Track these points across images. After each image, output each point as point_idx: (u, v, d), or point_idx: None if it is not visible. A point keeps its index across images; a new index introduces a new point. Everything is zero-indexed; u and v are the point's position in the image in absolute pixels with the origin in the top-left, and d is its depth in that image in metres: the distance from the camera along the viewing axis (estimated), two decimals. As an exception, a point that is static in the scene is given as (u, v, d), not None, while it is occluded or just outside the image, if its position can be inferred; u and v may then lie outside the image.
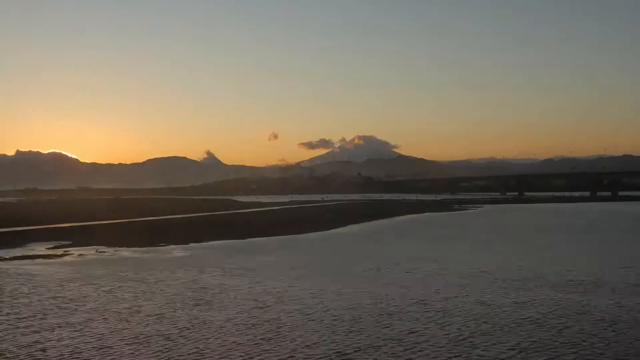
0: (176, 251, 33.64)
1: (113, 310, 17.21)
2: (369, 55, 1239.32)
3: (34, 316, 16.41)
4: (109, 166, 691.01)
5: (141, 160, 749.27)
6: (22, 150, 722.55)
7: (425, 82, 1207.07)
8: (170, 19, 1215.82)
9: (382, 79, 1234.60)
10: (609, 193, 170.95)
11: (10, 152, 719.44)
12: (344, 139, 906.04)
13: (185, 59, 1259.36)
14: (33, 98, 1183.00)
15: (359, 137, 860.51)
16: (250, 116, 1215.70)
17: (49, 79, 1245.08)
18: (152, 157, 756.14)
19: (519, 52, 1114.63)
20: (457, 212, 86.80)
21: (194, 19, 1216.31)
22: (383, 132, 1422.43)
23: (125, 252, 33.03)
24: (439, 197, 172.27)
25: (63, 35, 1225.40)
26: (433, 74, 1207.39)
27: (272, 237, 42.40)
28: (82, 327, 15.13)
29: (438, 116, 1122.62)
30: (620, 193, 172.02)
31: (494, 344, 13.26)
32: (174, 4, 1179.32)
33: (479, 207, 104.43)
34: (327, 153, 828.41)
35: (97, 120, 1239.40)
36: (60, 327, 15.12)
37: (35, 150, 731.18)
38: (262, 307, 17.40)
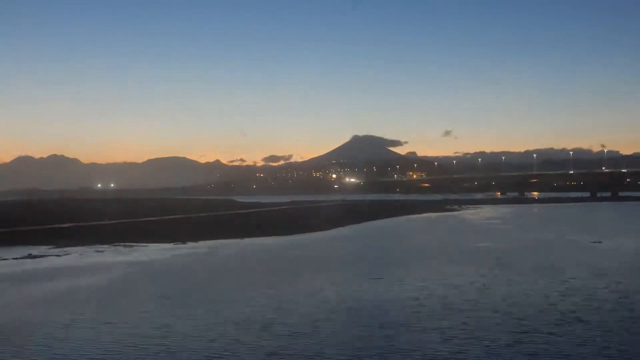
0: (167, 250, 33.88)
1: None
2: (370, 55, 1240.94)
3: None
4: (109, 166, 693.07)
5: (141, 161, 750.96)
6: (22, 152, 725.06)
7: (426, 82, 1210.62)
8: (170, 20, 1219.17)
9: (383, 78, 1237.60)
10: (609, 193, 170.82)
11: (10, 153, 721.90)
12: (343, 139, 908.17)
13: (184, 59, 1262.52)
14: (33, 98, 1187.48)
15: (359, 137, 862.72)
16: (251, 117, 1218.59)
17: (48, 79, 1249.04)
18: (152, 157, 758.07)
19: (519, 49, 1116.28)
20: (454, 212, 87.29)
21: (193, 22, 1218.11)
22: (383, 132, 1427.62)
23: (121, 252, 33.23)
24: (439, 197, 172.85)
25: (62, 36, 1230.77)
26: (434, 73, 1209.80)
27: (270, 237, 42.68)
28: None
29: (438, 116, 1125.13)
30: (621, 194, 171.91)
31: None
32: (171, 6, 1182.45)
33: (478, 207, 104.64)
34: (328, 153, 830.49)
35: (97, 120, 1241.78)
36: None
37: (35, 151, 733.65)
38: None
